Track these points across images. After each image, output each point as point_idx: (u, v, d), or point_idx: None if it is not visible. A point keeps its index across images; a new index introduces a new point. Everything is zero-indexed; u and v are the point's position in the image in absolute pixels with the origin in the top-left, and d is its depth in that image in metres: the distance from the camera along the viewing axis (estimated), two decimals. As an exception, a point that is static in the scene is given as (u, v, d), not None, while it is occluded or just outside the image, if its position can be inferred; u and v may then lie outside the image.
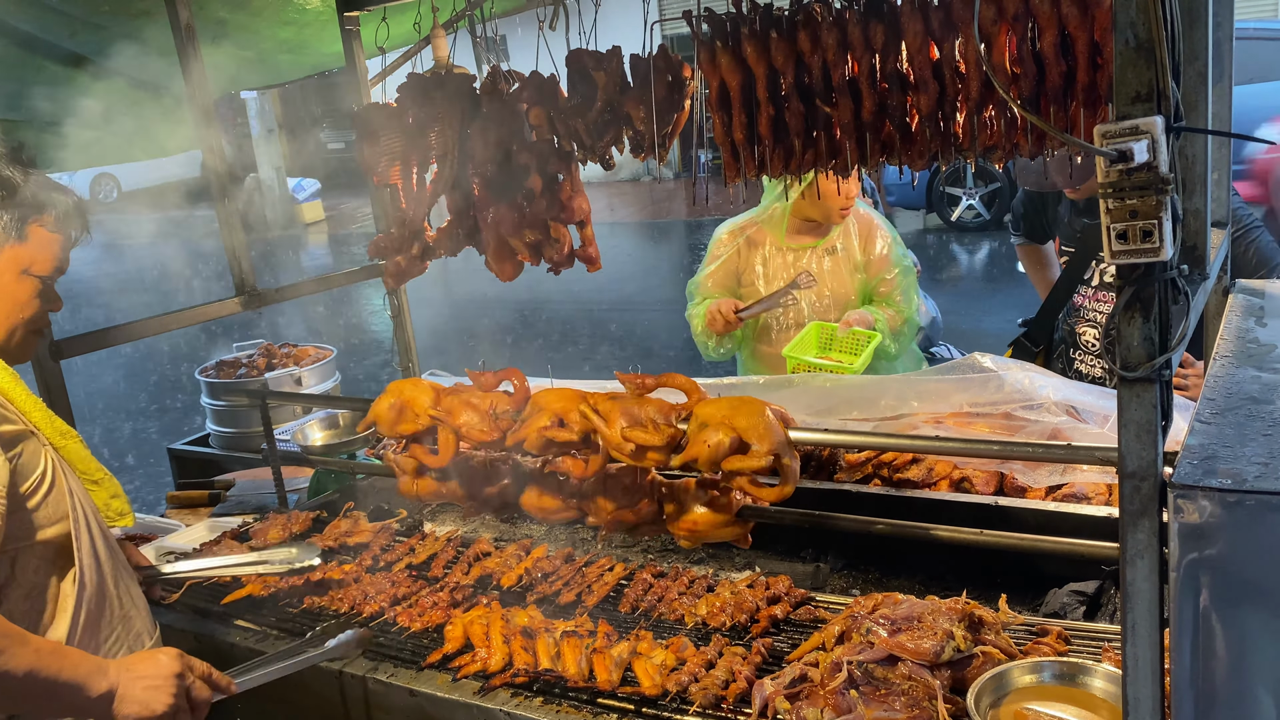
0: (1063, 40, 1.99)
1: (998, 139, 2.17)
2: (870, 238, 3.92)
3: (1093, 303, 3.47)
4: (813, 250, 3.88)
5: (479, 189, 2.98)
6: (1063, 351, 3.61)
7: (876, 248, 3.91)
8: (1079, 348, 3.52)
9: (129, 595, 2.10)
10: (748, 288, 3.96)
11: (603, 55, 2.63)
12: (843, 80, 2.22)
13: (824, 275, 3.86)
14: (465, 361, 3.10)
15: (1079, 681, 1.86)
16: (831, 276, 3.87)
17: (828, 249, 3.88)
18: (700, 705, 2.00)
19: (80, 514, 1.96)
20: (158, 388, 9.63)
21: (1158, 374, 1.32)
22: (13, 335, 1.99)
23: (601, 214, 16.44)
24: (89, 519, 2.00)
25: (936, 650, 1.90)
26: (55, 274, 2.03)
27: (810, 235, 3.92)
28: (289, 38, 4.11)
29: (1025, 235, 4.18)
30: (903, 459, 2.84)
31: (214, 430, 4.67)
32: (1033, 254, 4.24)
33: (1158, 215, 1.26)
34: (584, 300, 11.60)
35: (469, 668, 2.24)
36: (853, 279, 3.89)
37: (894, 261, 3.92)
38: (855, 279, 3.90)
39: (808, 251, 3.88)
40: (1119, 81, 1.27)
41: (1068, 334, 3.57)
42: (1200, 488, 1.31)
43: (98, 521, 2.04)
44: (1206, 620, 1.35)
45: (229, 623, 2.64)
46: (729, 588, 2.45)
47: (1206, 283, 1.91)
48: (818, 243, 3.89)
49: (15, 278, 1.95)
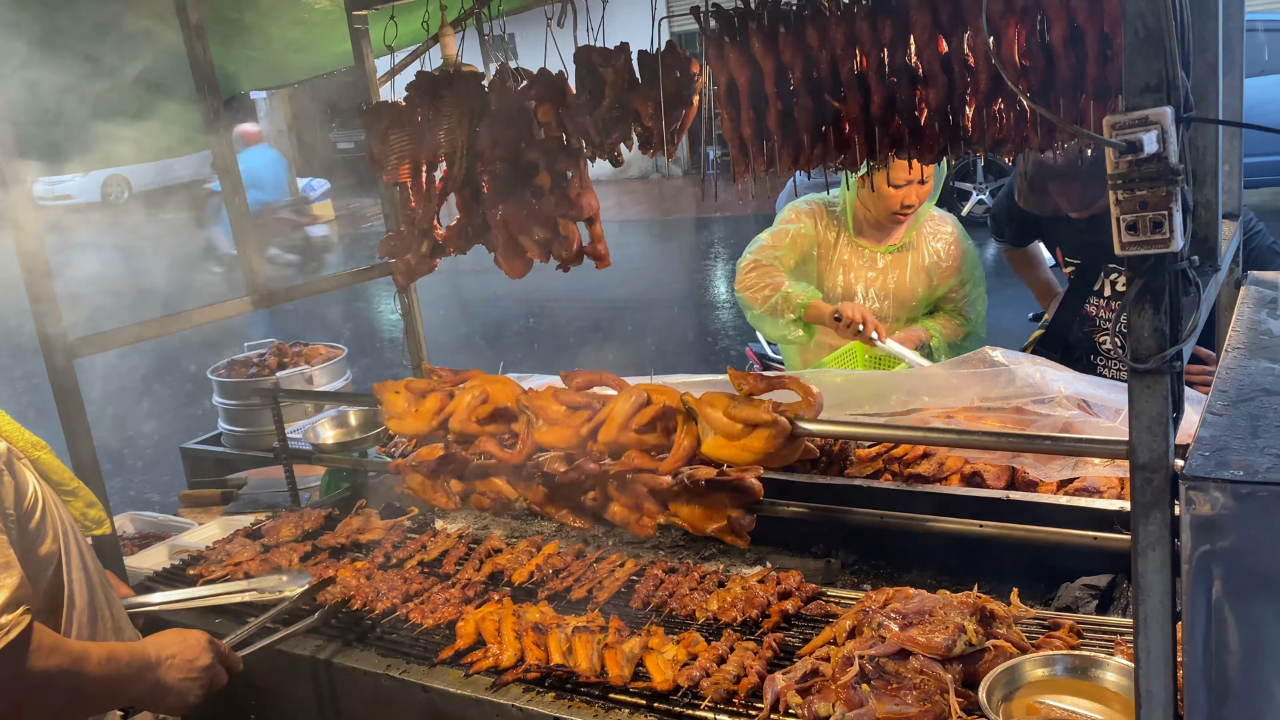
0: (1072, 33, 1.99)
1: (1007, 132, 2.16)
2: (945, 243, 3.85)
3: (1106, 313, 3.46)
4: (880, 253, 3.81)
5: (488, 187, 2.99)
6: (1081, 356, 3.59)
7: (949, 255, 3.84)
8: (1099, 354, 3.50)
9: (117, 606, 2.09)
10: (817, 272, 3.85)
11: (611, 52, 2.63)
12: (851, 75, 2.22)
13: (888, 273, 3.80)
14: (475, 360, 3.11)
15: (1091, 675, 1.86)
16: (895, 276, 3.81)
17: (899, 247, 3.81)
18: (712, 700, 2.00)
19: (65, 528, 1.93)
20: (169, 387, 9.67)
21: (1168, 365, 1.32)
22: None
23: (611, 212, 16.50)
24: (72, 532, 1.96)
25: (948, 644, 1.89)
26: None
27: (878, 233, 3.83)
28: (298, 37, 4.12)
29: (1010, 242, 4.11)
30: (914, 454, 2.83)
31: (226, 429, 4.69)
32: (1020, 257, 4.17)
33: (1168, 206, 1.26)
34: (593, 298, 11.60)
35: (481, 664, 2.25)
36: (918, 281, 3.82)
37: (966, 273, 3.86)
38: (921, 281, 3.82)
39: (875, 253, 3.81)
40: (1128, 72, 1.27)
41: (1083, 338, 3.55)
42: (1212, 479, 1.30)
43: (78, 535, 2.00)
44: (1219, 612, 1.34)
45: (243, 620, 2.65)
46: (740, 583, 2.45)
47: (1218, 274, 1.90)
48: (888, 248, 3.81)
49: None
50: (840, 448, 2.93)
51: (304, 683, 2.45)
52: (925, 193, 3.68)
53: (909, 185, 3.60)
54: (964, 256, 3.88)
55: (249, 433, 4.54)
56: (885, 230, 3.83)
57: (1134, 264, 1.32)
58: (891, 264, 3.81)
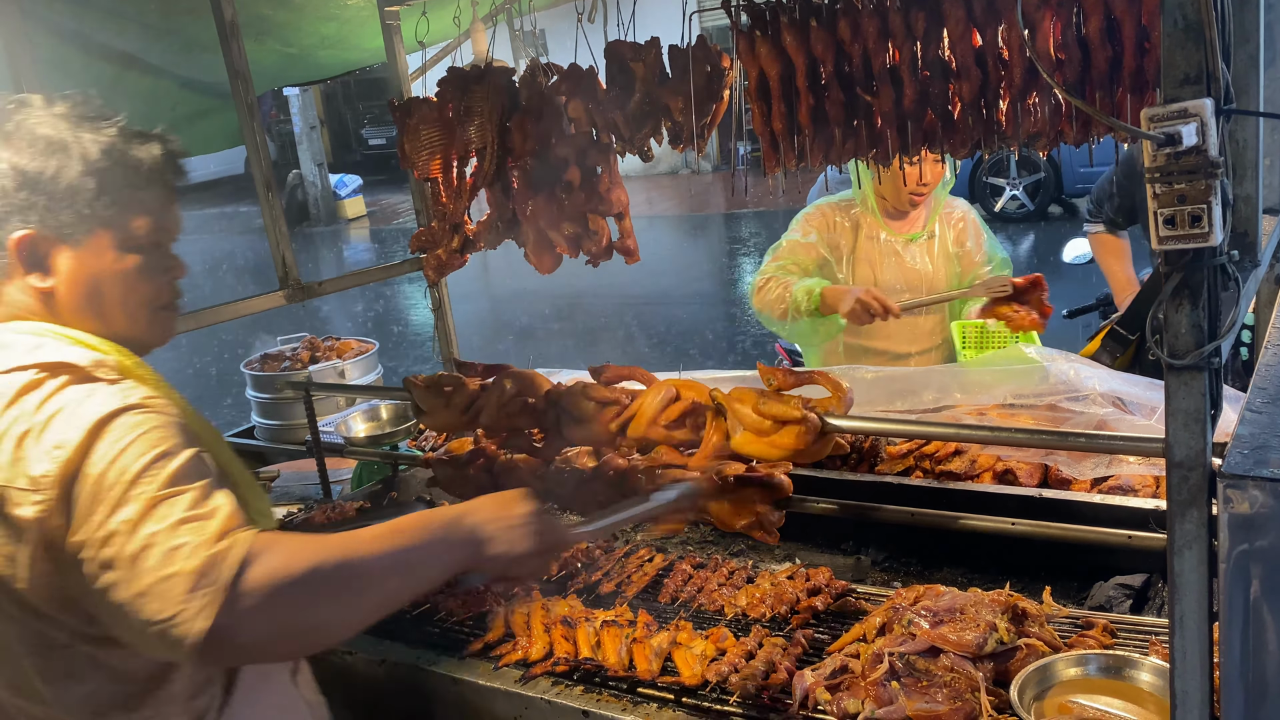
0: (1109, 24, 1.96)
1: (1042, 126, 2.14)
2: (964, 229, 3.86)
3: None
4: (910, 241, 3.81)
5: (518, 182, 2.99)
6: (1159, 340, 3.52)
7: (970, 240, 3.85)
8: None
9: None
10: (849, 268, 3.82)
11: (641, 46, 2.63)
12: (884, 68, 2.21)
13: (917, 262, 3.80)
14: (506, 354, 3.12)
15: (1125, 675, 1.84)
16: (922, 265, 3.81)
17: (923, 235, 3.81)
18: (740, 695, 2.00)
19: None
20: (203, 380, 9.78)
21: (1206, 362, 1.30)
22: (137, 321, 1.68)
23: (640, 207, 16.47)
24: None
25: (979, 642, 1.88)
26: (159, 237, 1.70)
27: (898, 222, 3.84)
28: (330, 33, 4.15)
29: (1107, 222, 4.03)
30: (945, 451, 2.81)
31: (259, 423, 4.73)
32: (1110, 245, 4.09)
33: (1206, 200, 1.24)
34: (622, 293, 11.61)
35: (510, 656, 2.26)
36: (946, 268, 3.83)
37: (989, 255, 3.86)
38: (948, 268, 3.83)
39: (897, 242, 3.80)
40: (1167, 64, 1.25)
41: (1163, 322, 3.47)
42: (1251, 478, 1.28)
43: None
44: (1257, 612, 1.32)
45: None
46: (769, 579, 2.44)
47: (1258, 270, 1.87)
48: (912, 235, 3.81)
49: (113, 258, 1.63)
50: (871, 444, 2.91)
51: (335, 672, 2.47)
52: (940, 171, 3.64)
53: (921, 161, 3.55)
54: (982, 237, 3.90)
55: (282, 426, 4.57)
56: (905, 217, 3.82)
57: (1171, 259, 1.30)
58: (917, 252, 3.81)
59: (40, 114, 1.61)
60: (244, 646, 1.39)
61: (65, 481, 1.40)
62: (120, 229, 1.63)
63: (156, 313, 1.71)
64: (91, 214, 1.60)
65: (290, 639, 1.45)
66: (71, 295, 1.62)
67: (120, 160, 1.62)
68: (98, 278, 1.63)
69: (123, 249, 1.64)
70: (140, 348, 1.69)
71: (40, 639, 1.54)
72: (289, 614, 1.40)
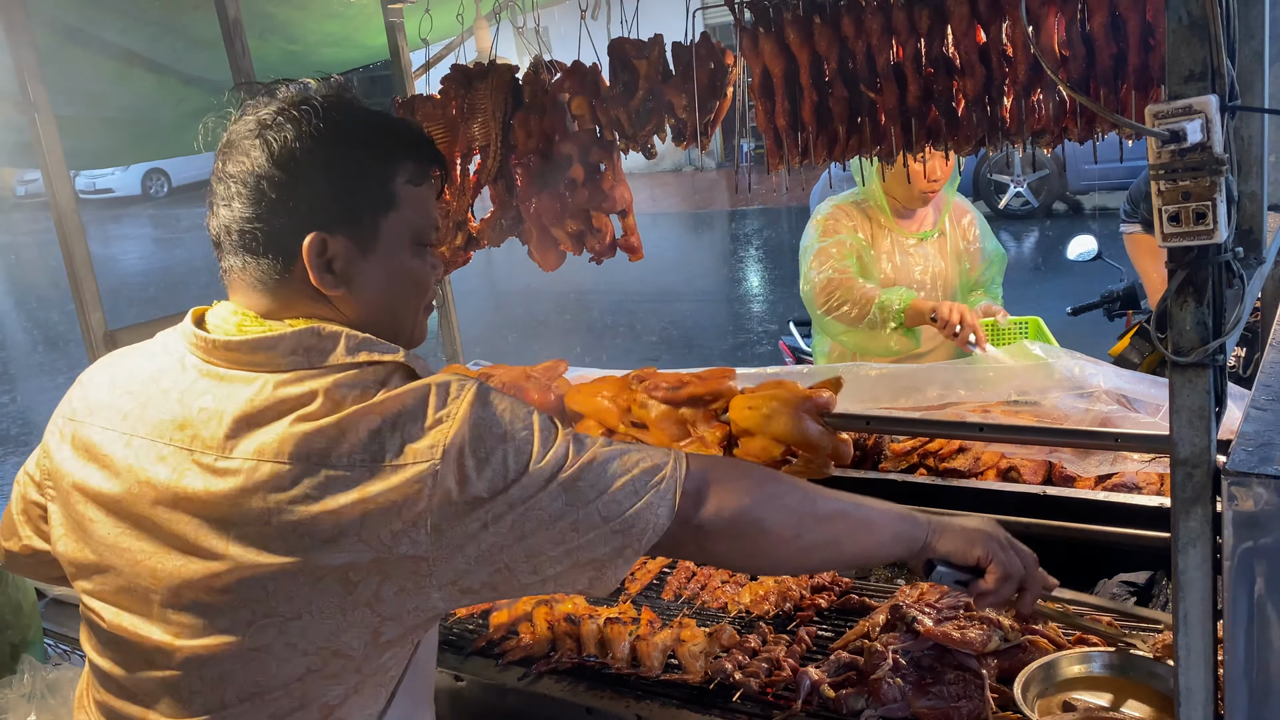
0: (1113, 21, 1.96)
1: (1046, 123, 2.14)
2: (968, 225, 3.88)
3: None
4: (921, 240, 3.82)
5: (522, 179, 3.00)
6: None
7: (973, 236, 3.87)
8: None
9: None
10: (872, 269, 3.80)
11: (645, 44, 2.63)
12: (887, 65, 2.21)
13: (927, 261, 3.81)
14: (509, 351, 3.12)
15: (1129, 672, 1.84)
16: (934, 264, 3.82)
17: (934, 234, 3.83)
18: (744, 693, 2.00)
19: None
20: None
21: (1211, 359, 1.30)
22: (417, 322, 1.61)
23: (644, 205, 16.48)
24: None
25: (983, 639, 1.88)
26: (434, 233, 1.59)
27: (912, 220, 3.84)
28: (334, 31, 4.16)
29: (1143, 222, 4.00)
30: (949, 448, 2.81)
31: (263, 420, 4.74)
32: (1146, 244, 4.04)
33: (1211, 197, 1.24)
34: (626, 290, 11.61)
35: (514, 653, 2.26)
36: (954, 267, 3.84)
37: (990, 251, 3.88)
38: (956, 267, 3.84)
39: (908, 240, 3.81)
40: (1171, 60, 1.25)
41: None
42: (1256, 475, 1.28)
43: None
44: (1262, 610, 1.32)
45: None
46: (773, 576, 2.44)
47: (1263, 267, 1.87)
48: (922, 234, 3.82)
49: (410, 252, 1.53)
50: (874, 442, 2.91)
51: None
52: (949, 167, 3.62)
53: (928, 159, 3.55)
54: (984, 237, 3.91)
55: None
56: (914, 215, 3.83)
57: (1176, 255, 1.30)
58: (928, 251, 3.81)
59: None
60: (701, 527, 1.46)
61: (456, 448, 1.34)
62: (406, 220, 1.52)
63: (425, 314, 1.63)
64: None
65: (739, 537, 1.50)
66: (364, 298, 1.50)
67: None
68: (394, 278, 1.53)
69: (416, 247, 1.54)
70: (414, 345, 1.60)
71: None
72: (741, 511, 1.48)
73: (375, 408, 1.36)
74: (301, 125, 1.43)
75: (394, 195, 1.48)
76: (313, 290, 1.46)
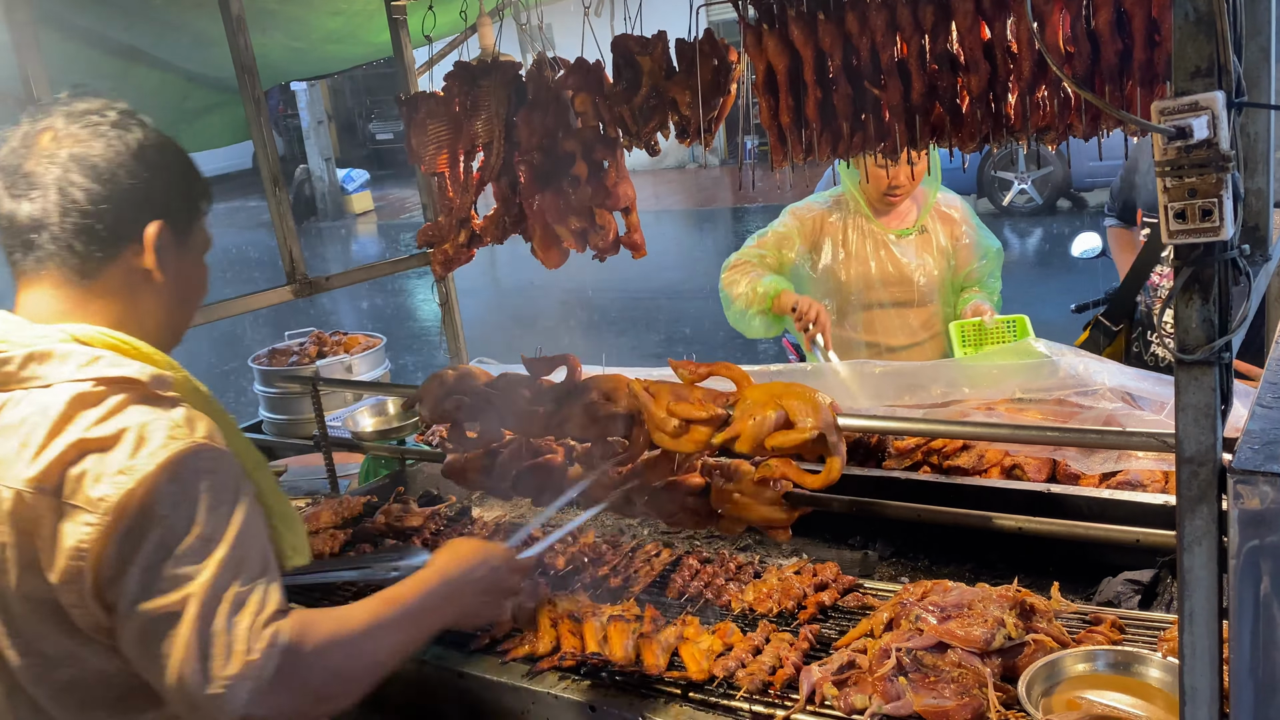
0: (1119, 17, 1.95)
1: (1051, 120, 2.13)
2: (955, 224, 3.88)
3: (1167, 281, 3.40)
4: (900, 236, 3.83)
5: (525, 176, 2.99)
6: (1141, 333, 3.52)
7: (963, 234, 3.88)
8: (1155, 329, 3.43)
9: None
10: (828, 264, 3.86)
11: (648, 40, 2.62)
12: (891, 62, 2.20)
13: (906, 256, 3.82)
14: (513, 349, 3.12)
15: (1134, 671, 1.83)
16: (915, 259, 3.83)
17: (915, 230, 3.84)
18: (747, 690, 2.00)
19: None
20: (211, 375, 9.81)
21: (1216, 356, 1.29)
22: (186, 326, 1.77)
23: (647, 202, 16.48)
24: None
25: (987, 638, 1.87)
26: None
27: (891, 216, 3.86)
28: (337, 28, 4.16)
29: (1119, 216, 4.09)
30: (953, 446, 2.80)
31: (267, 417, 4.74)
32: (1124, 238, 4.14)
33: (1217, 194, 1.23)
34: (629, 288, 11.60)
35: (517, 651, 2.26)
36: (939, 264, 3.85)
37: (983, 249, 3.89)
38: (941, 264, 3.86)
39: (887, 236, 3.83)
40: (1178, 56, 1.24)
41: (1145, 314, 3.48)
42: (1261, 473, 1.28)
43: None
44: (1268, 608, 1.31)
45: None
46: (776, 574, 2.44)
47: (1269, 264, 1.86)
48: (902, 230, 3.83)
49: (200, 264, 1.75)
50: (878, 440, 2.91)
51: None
52: (918, 174, 3.63)
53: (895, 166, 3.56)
54: (977, 233, 3.92)
55: (289, 420, 4.59)
56: (893, 213, 3.85)
57: (1182, 253, 1.29)
58: (908, 247, 3.82)
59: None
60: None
61: (125, 512, 1.39)
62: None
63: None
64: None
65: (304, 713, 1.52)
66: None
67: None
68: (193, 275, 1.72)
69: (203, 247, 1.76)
70: (170, 349, 1.71)
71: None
72: (304, 699, 1.48)
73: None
74: (146, 126, 1.65)
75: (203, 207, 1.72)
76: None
